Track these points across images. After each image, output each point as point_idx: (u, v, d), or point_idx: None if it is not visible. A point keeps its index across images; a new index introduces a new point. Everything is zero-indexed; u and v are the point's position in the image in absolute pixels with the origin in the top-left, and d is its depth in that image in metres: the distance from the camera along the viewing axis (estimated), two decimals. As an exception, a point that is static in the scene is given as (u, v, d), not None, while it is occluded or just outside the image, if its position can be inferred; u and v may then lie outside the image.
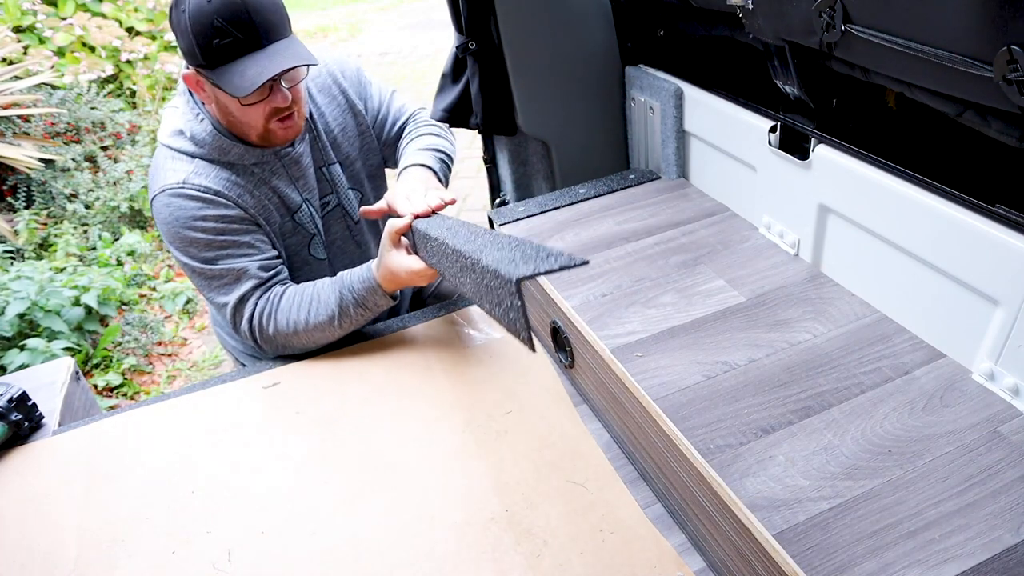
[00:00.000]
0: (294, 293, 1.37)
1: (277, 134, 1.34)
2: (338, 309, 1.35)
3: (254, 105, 1.28)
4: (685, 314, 1.17)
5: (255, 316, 1.36)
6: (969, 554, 0.76)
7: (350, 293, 1.35)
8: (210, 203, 1.31)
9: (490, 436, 1.21)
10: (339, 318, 1.36)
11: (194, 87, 1.30)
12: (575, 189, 1.61)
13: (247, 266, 1.35)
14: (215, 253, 1.33)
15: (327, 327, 1.37)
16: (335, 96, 1.52)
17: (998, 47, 0.74)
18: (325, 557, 1.04)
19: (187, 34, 1.19)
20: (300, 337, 1.38)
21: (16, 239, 3.30)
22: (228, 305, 1.36)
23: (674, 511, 1.04)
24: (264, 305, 1.36)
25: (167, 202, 1.30)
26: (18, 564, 1.09)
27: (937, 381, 0.98)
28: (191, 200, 1.30)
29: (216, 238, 1.32)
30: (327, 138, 1.50)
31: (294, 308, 1.36)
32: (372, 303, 1.36)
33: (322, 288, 1.37)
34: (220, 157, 1.34)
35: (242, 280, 1.35)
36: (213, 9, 1.16)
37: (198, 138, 1.33)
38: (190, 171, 1.32)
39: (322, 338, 1.39)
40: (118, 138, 4.06)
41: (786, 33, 1.09)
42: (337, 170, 1.52)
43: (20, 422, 1.30)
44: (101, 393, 2.75)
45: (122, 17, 4.83)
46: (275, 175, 1.40)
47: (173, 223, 1.31)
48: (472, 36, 1.51)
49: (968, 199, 0.92)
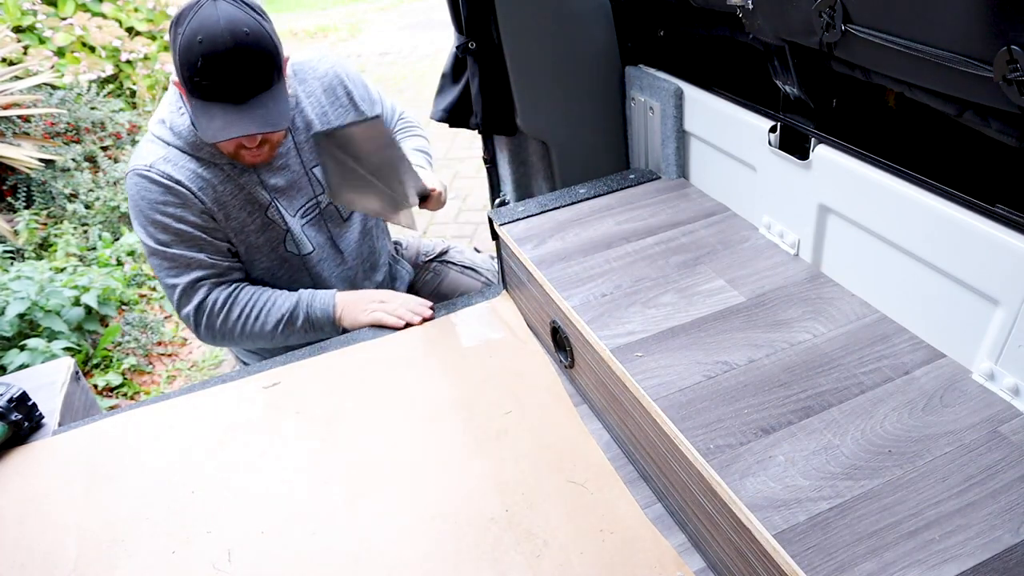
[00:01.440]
0: (251, 290, 1.48)
1: (245, 158, 1.40)
2: (288, 316, 1.47)
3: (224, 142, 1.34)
4: (685, 314, 1.17)
5: (206, 303, 1.44)
6: (969, 554, 0.76)
7: (306, 309, 1.49)
8: (170, 191, 1.37)
9: (490, 436, 1.21)
10: (284, 326, 1.48)
11: (181, 90, 1.34)
12: (575, 189, 1.60)
13: (199, 257, 1.42)
14: (171, 238, 1.40)
15: (270, 331, 1.48)
16: (339, 96, 1.55)
17: (998, 47, 0.74)
18: (325, 557, 1.04)
19: (177, 59, 1.25)
20: (243, 333, 1.48)
21: (16, 239, 3.30)
22: (178, 287, 1.43)
23: (674, 511, 1.04)
24: (219, 296, 1.44)
25: (135, 181, 1.38)
26: (18, 564, 1.09)
27: (937, 381, 0.98)
28: (154, 184, 1.37)
29: (172, 224, 1.39)
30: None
31: (248, 303, 1.46)
32: (319, 325, 1.50)
33: (279, 295, 1.49)
34: (194, 152, 1.39)
35: (192, 268, 1.43)
36: (201, 50, 1.20)
37: (176, 130, 1.39)
38: (160, 156, 1.38)
39: (260, 340, 1.51)
40: (118, 138, 4.06)
41: (786, 33, 1.09)
42: None
43: (20, 422, 1.30)
44: (101, 393, 2.75)
45: (122, 17, 4.83)
46: (244, 174, 1.44)
47: (138, 201, 1.39)
48: (472, 36, 1.51)
49: (968, 199, 0.92)
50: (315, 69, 1.53)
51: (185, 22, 1.21)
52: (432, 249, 1.94)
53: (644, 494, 1.09)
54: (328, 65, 1.55)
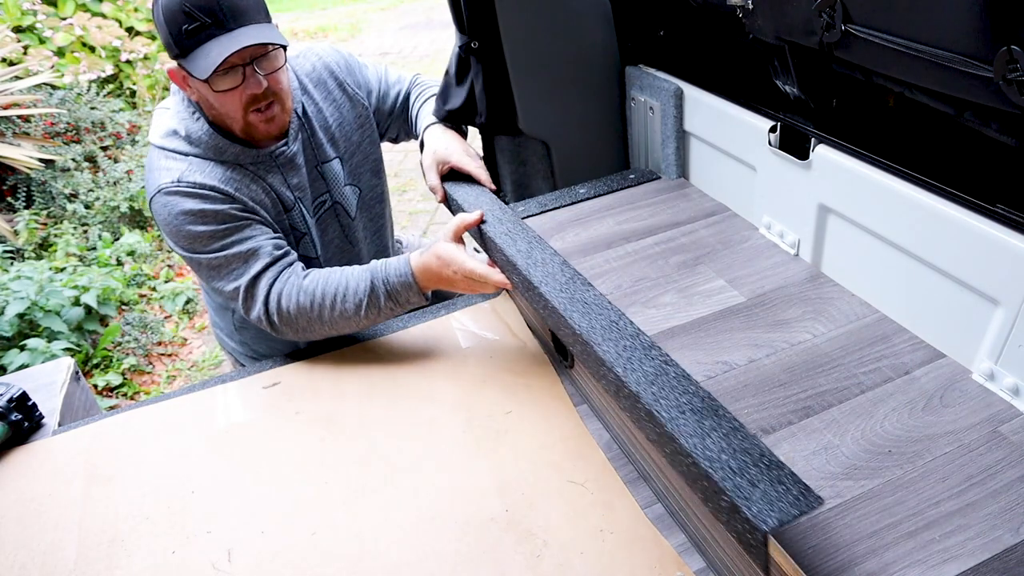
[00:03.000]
0: (319, 275, 1.33)
1: (258, 127, 1.32)
2: (367, 298, 1.30)
3: (229, 93, 1.26)
4: (685, 314, 1.17)
5: (272, 296, 1.32)
6: (969, 554, 0.76)
7: (383, 284, 1.30)
8: (208, 199, 1.29)
9: (490, 436, 1.21)
10: (367, 308, 1.31)
11: (180, 83, 1.30)
12: (575, 189, 1.60)
13: (256, 246, 1.32)
14: (220, 243, 1.30)
15: (353, 316, 1.32)
16: (331, 90, 1.50)
17: (998, 47, 0.74)
18: (325, 557, 1.04)
19: (161, 24, 1.21)
20: (324, 321, 1.33)
21: (16, 239, 3.30)
22: (240, 289, 1.31)
23: (674, 511, 1.04)
24: (283, 285, 1.32)
25: (165, 201, 1.29)
26: (18, 564, 1.09)
27: (937, 381, 0.98)
28: (189, 197, 1.28)
29: (219, 228, 1.30)
30: (323, 135, 1.48)
31: (319, 289, 1.31)
32: (404, 298, 1.31)
33: (351, 274, 1.32)
34: (216, 156, 1.33)
35: (250, 261, 1.31)
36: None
37: (194, 136, 1.31)
38: (184, 168, 1.30)
39: (345, 327, 1.34)
40: (118, 138, 4.06)
41: (786, 33, 1.09)
42: (333, 167, 1.51)
43: (20, 422, 1.30)
44: (101, 393, 2.75)
45: (122, 17, 4.83)
46: (270, 173, 1.39)
47: (173, 221, 1.29)
48: (474, 36, 1.51)
49: (968, 199, 0.92)
50: (302, 66, 1.49)
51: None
52: None
53: (644, 494, 1.09)
54: (315, 58, 1.51)
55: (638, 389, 0.85)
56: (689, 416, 0.80)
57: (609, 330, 0.96)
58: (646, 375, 0.87)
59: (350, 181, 1.55)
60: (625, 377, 0.87)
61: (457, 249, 1.26)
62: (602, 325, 0.97)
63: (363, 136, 1.56)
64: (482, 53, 1.52)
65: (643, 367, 0.88)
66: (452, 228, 1.28)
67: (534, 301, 1.12)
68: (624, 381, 0.87)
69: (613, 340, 0.94)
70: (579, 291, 1.05)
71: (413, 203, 4.11)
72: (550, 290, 1.05)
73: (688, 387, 0.84)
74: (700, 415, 0.80)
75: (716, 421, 0.78)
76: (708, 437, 0.76)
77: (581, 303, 1.02)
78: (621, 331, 0.95)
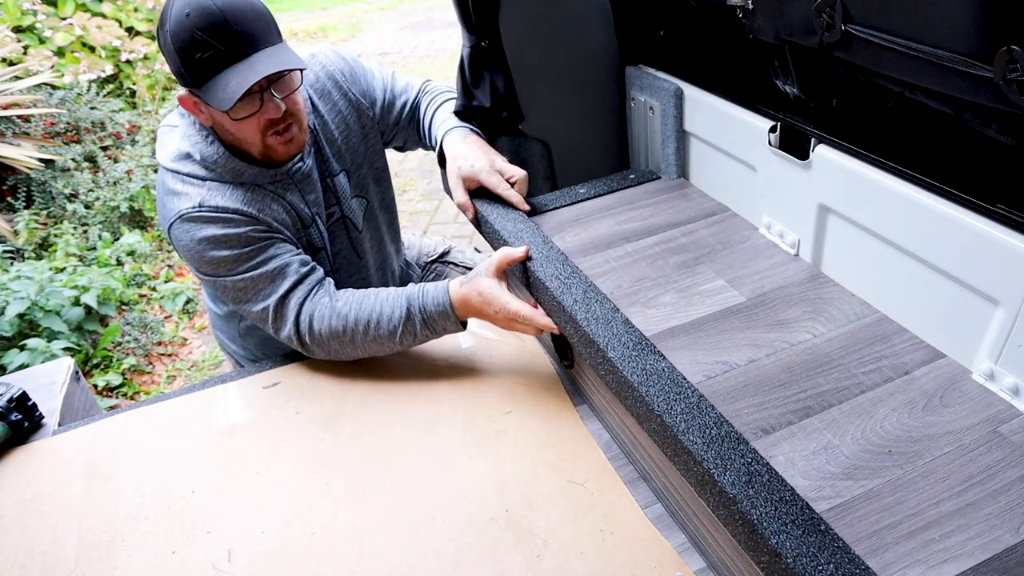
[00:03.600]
0: (353, 298, 1.31)
1: (277, 150, 1.29)
2: (403, 325, 1.28)
3: (246, 120, 1.23)
4: (685, 314, 1.17)
5: (303, 316, 1.29)
6: (969, 554, 0.76)
7: (420, 312, 1.28)
8: (230, 223, 1.26)
9: (490, 436, 1.21)
10: (402, 334, 1.28)
11: (191, 109, 1.26)
12: (575, 189, 1.60)
13: (283, 264, 1.29)
14: (246, 265, 1.28)
15: (387, 341, 1.29)
16: (335, 100, 1.47)
17: (998, 47, 0.74)
18: (325, 557, 1.04)
19: (172, 53, 1.17)
20: (356, 344, 1.31)
21: (16, 239, 3.30)
22: (268, 309, 1.29)
23: (674, 511, 1.04)
24: (314, 306, 1.30)
25: (186, 228, 1.26)
26: (18, 564, 1.09)
27: (937, 381, 0.98)
28: (210, 223, 1.25)
29: (243, 251, 1.27)
30: (330, 149, 1.45)
31: (352, 314, 1.29)
32: (441, 327, 1.29)
33: (386, 298, 1.30)
34: (235, 179, 1.30)
35: (277, 280, 1.29)
36: (192, 23, 1.13)
37: (209, 161, 1.28)
38: (204, 194, 1.27)
39: (379, 351, 1.32)
40: (118, 138, 4.06)
41: (786, 33, 1.09)
42: (340, 181, 1.48)
43: (20, 422, 1.30)
44: (101, 393, 2.75)
45: (122, 17, 4.83)
46: (288, 191, 1.36)
47: (195, 248, 1.26)
48: (482, 35, 1.48)
49: (968, 199, 0.92)
50: (306, 77, 1.44)
51: (167, 18, 1.15)
52: (433, 250, 1.93)
53: (644, 494, 1.09)
54: (319, 67, 1.47)
55: (751, 517, 0.78)
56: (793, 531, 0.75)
57: (692, 414, 0.87)
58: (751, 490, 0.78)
59: (356, 193, 1.53)
60: (748, 513, 0.78)
61: (500, 287, 1.24)
62: (684, 409, 0.88)
63: (368, 146, 1.53)
64: (493, 52, 1.50)
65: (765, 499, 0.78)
66: (495, 263, 1.25)
67: (595, 362, 1.05)
68: (746, 516, 0.78)
69: (712, 443, 0.83)
70: (651, 360, 0.97)
71: (413, 203, 4.11)
72: (618, 356, 0.98)
73: (793, 505, 0.78)
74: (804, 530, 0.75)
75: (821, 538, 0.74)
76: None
77: (656, 375, 0.94)
78: (704, 413, 0.87)
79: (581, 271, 1.19)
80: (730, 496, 0.80)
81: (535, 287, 1.23)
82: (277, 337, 1.33)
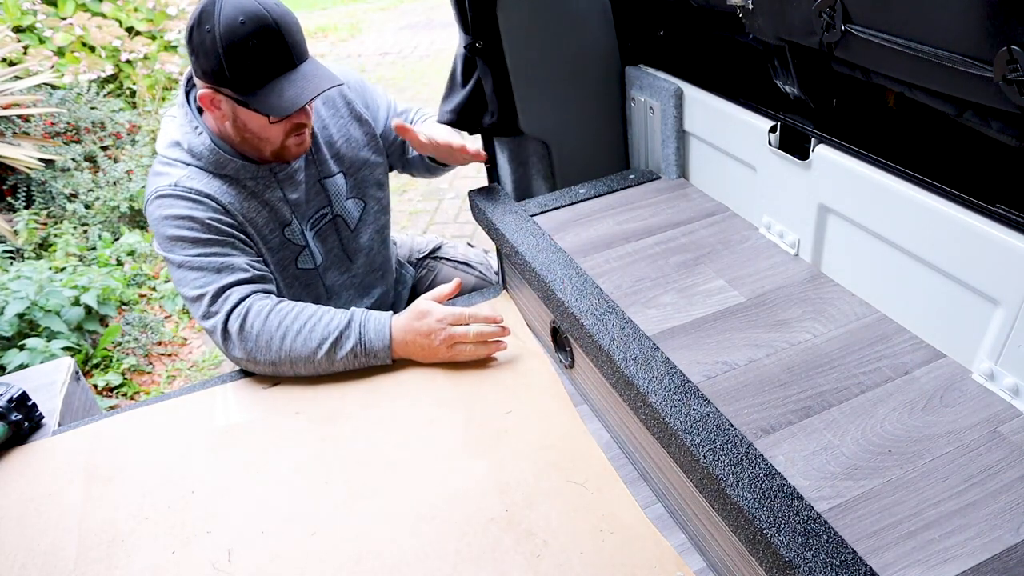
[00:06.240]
0: (294, 306, 1.32)
1: (292, 150, 1.36)
2: (335, 337, 1.29)
3: (279, 123, 1.30)
4: (685, 314, 1.17)
5: (239, 308, 1.29)
6: (969, 554, 0.76)
7: (360, 327, 1.31)
8: (200, 204, 1.31)
9: (490, 436, 1.21)
10: (330, 348, 1.29)
11: (208, 106, 1.29)
12: (575, 189, 1.61)
13: (233, 263, 1.32)
14: (200, 249, 1.31)
15: (314, 349, 1.29)
16: (339, 108, 1.52)
17: (998, 47, 0.74)
18: (325, 557, 1.04)
19: (215, 55, 1.19)
20: (282, 348, 1.29)
21: (16, 239, 3.30)
22: (205, 295, 1.29)
23: (674, 511, 1.04)
24: (254, 301, 1.30)
25: (159, 203, 1.31)
26: (18, 564, 1.09)
27: (937, 381, 0.98)
28: (181, 200, 1.31)
29: (202, 236, 1.31)
30: (328, 150, 1.50)
31: (292, 312, 1.30)
32: (372, 355, 1.32)
33: (330, 311, 1.32)
34: (216, 170, 1.35)
35: (223, 273, 1.31)
36: (247, 30, 1.17)
37: (195, 151, 1.34)
38: (183, 175, 1.33)
39: (298, 359, 1.30)
40: (118, 138, 4.06)
41: (786, 33, 1.09)
42: (336, 182, 1.52)
43: (20, 422, 1.30)
44: (101, 393, 2.75)
45: (122, 17, 4.83)
46: (268, 189, 1.40)
47: (161, 220, 1.31)
48: (478, 36, 1.49)
49: (968, 199, 0.92)
50: None
51: (213, 18, 1.17)
52: (425, 246, 1.93)
53: (644, 494, 1.09)
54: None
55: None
56: None
57: (740, 466, 0.80)
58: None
59: (353, 194, 1.56)
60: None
61: (435, 304, 1.35)
62: (732, 460, 0.82)
63: (371, 153, 1.57)
64: (488, 53, 1.51)
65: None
66: (430, 295, 1.37)
67: (635, 405, 0.98)
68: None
69: (775, 509, 0.77)
70: (695, 403, 0.91)
71: (413, 203, 4.11)
72: (660, 402, 0.92)
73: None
74: None
75: None
76: None
77: (701, 421, 0.88)
78: (753, 462, 0.80)
79: (616, 305, 1.12)
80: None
81: (572, 330, 1.14)
82: (200, 323, 1.33)
